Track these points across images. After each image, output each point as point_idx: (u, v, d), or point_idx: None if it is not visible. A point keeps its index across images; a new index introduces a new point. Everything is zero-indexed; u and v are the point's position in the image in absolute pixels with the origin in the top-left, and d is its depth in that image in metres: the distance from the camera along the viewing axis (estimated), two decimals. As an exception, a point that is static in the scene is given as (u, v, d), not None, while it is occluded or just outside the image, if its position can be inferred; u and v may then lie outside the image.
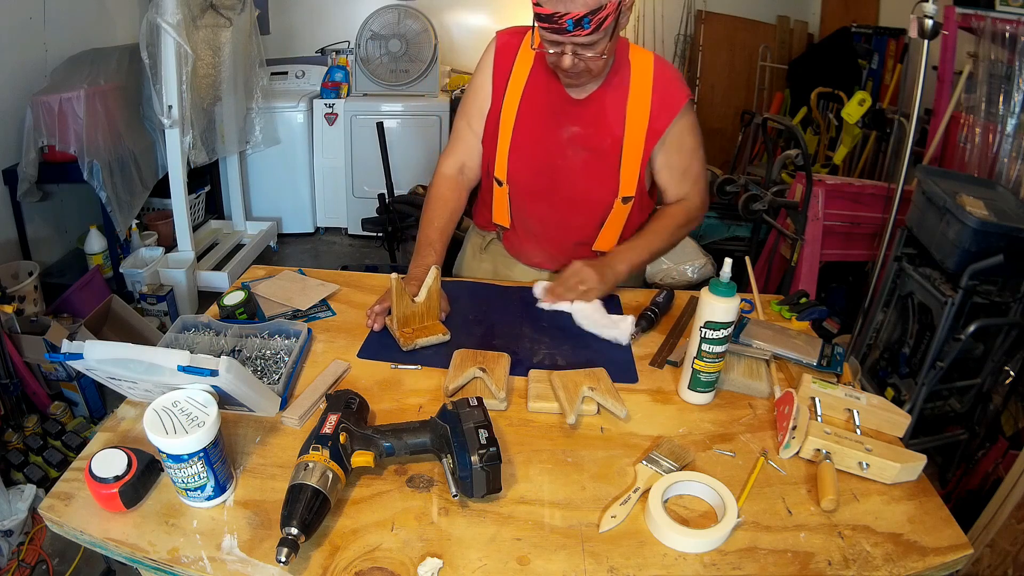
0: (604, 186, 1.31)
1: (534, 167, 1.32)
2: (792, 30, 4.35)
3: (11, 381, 2.00)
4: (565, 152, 1.29)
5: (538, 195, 1.35)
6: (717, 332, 0.96)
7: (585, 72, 1.16)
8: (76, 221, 3.06)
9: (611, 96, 1.26)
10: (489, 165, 1.36)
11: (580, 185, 1.32)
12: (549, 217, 1.37)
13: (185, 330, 1.14)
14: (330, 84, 3.82)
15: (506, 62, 1.30)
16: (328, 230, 4.12)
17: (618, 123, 1.27)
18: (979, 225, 1.74)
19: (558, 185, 1.32)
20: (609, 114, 1.27)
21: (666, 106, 1.26)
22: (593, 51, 1.11)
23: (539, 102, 1.28)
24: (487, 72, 1.32)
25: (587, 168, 1.30)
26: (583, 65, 1.14)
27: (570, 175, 1.31)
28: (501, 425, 0.96)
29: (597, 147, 1.29)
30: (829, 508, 0.83)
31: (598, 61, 1.14)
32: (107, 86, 2.69)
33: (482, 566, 0.75)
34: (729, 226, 3.22)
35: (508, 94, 1.29)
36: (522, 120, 1.29)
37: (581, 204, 1.34)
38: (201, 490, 0.79)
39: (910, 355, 2.06)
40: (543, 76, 1.27)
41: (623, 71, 1.26)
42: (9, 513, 1.77)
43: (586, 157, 1.29)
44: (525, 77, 1.28)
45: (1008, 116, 2.27)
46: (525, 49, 1.28)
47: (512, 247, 1.46)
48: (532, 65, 1.28)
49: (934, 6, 2.02)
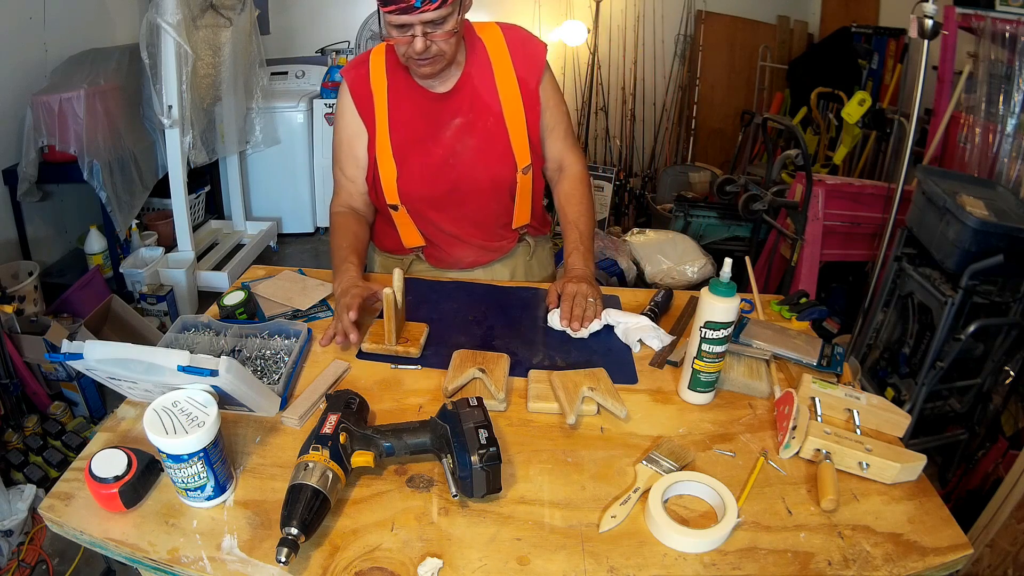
0: (501, 164, 1.31)
1: (427, 178, 1.30)
2: (792, 30, 4.35)
3: (11, 381, 2.00)
4: (454, 148, 1.28)
5: (441, 202, 1.33)
6: (717, 332, 0.96)
7: (438, 56, 1.15)
8: (76, 221, 3.06)
9: (477, 75, 1.26)
10: (379, 197, 1.34)
11: (479, 172, 1.31)
12: (461, 216, 1.36)
13: (185, 330, 1.14)
14: (330, 84, 3.82)
15: (363, 93, 1.28)
16: (328, 230, 4.11)
17: (493, 99, 1.27)
18: (979, 225, 1.74)
19: (459, 182, 1.31)
20: (482, 93, 1.27)
21: (530, 63, 1.28)
22: (443, 28, 1.11)
23: (407, 115, 1.28)
24: (350, 110, 1.30)
25: (480, 154, 1.29)
26: (435, 48, 1.13)
27: (466, 167, 1.30)
28: (501, 425, 0.96)
29: (482, 128, 1.28)
30: (829, 508, 0.83)
31: (450, 39, 1.13)
32: (107, 86, 2.69)
33: (482, 566, 0.75)
34: (729, 226, 3.22)
35: (377, 123, 1.28)
36: (398, 140, 1.28)
37: (486, 190, 1.34)
38: (201, 490, 0.79)
39: (910, 355, 2.06)
40: (402, 89, 1.27)
41: (478, 48, 1.27)
42: (9, 513, 1.77)
43: (475, 144, 1.29)
44: (385, 99, 1.27)
45: (1008, 116, 2.27)
46: (375, 74, 1.28)
47: (439, 260, 1.44)
48: (387, 85, 1.27)
49: (934, 6, 2.02)
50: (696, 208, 3.24)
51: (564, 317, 1.19)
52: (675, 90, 4.42)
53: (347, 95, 1.30)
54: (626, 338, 1.18)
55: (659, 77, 4.34)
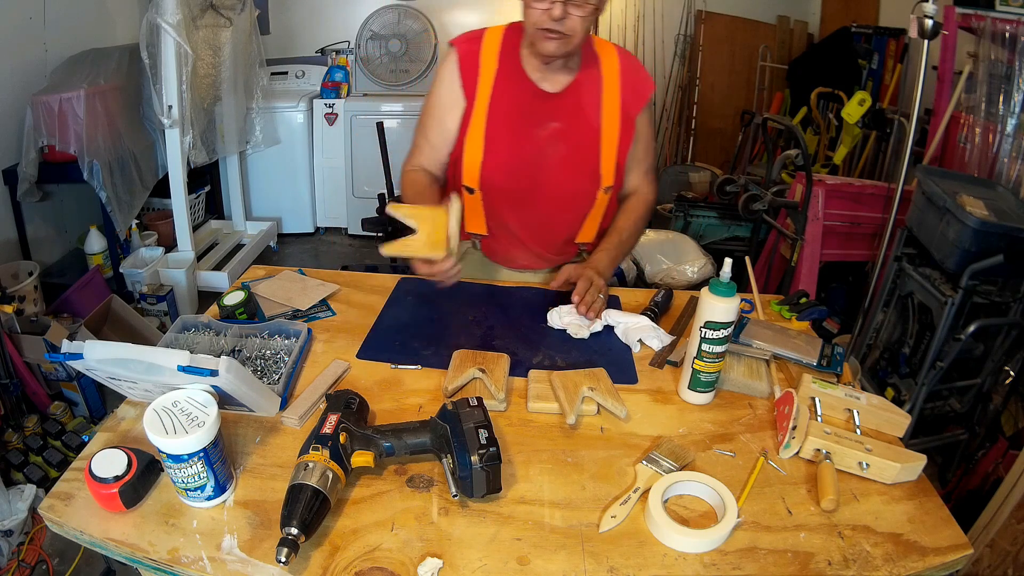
0: (587, 179, 1.30)
1: (511, 170, 1.29)
2: (792, 30, 4.35)
3: (11, 381, 2.00)
4: (544, 150, 1.27)
5: (517, 198, 1.32)
6: (717, 332, 0.96)
7: (568, 35, 1.14)
8: (76, 221, 3.06)
9: (586, 86, 1.27)
10: (456, 176, 1.33)
11: (562, 181, 1.30)
12: (531, 218, 1.34)
13: (185, 330, 1.14)
14: (330, 84, 3.82)
15: (471, 67, 1.27)
16: (328, 230, 4.12)
17: (595, 113, 1.27)
18: (979, 225, 1.74)
19: (539, 184, 1.30)
20: (586, 105, 1.27)
21: (636, 93, 1.30)
22: (583, 5, 1.11)
23: (508, 104, 1.27)
24: (453, 79, 1.28)
25: (568, 163, 1.29)
26: (570, 23, 1.13)
27: (551, 172, 1.29)
28: (501, 425, 0.96)
29: (577, 140, 1.28)
30: (829, 508, 0.83)
31: (586, 18, 1.13)
32: (107, 86, 2.69)
33: (482, 566, 0.75)
34: (729, 226, 3.22)
35: (477, 102, 1.27)
36: (493, 125, 1.27)
37: (565, 200, 1.33)
38: (201, 490, 0.79)
39: (910, 355, 2.06)
40: (510, 76, 1.26)
41: (593, 62, 1.28)
42: (9, 513, 1.77)
43: (565, 152, 1.28)
44: (491, 83, 1.26)
45: (1008, 116, 2.28)
46: (487, 55, 1.27)
47: (494, 253, 1.44)
48: (496, 67, 1.26)
49: (934, 6, 2.02)
50: (696, 208, 3.23)
51: (577, 294, 1.19)
52: (675, 90, 4.42)
53: (454, 64, 1.28)
54: (626, 338, 1.18)
55: (659, 77, 4.34)
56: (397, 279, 1.39)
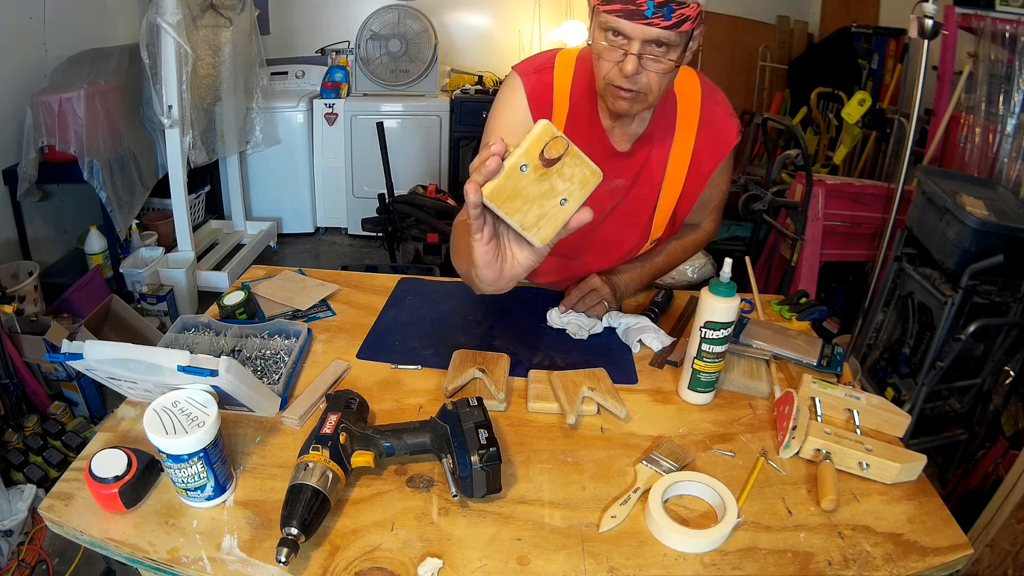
0: (637, 233, 1.23)
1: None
2: (792, 30, 4.35)
3: (11, 381, 2.00)
4: (602, 206, 1.16)
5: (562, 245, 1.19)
6: (717, 332, 0.96)
7: (643, 93, 0.99)
8: (76, 221, 3.06)
9: (656, 142, 1.15)
10: None
11: (611, 233, 1.21)
12: (570, 261, 1.27)
13: (185, 330, 1.14)
14: (330, 84, 3.82)
15: (543, 102, 1.12)
16: (328, 230, 4.12)
17: (659, 170, 1.16)
18: (979, 225, 1.74)
19: (589, 239, 1.20)
20: (652, 162, 1.16)
21: (714, 150, 1.16)
22: (664, 58, 0.95)
23: None
24: (522, 108, 1.11)
25: (622, 220, 1.20)
26: (645, 80, 0.97)
27: (603, 229, 1.20)
28: (501, 425, 0.96)
29: (635, 196, 1.18)
30: (829, 508, 0.83)
31: (664, 76, 0.97)
32: (107, 86, 2.69)
33: (482, 566, 0.75)
34: (729, 226, 3.22)
35: None
36: None
37: (609, 249, 1.25)
38: (201, 490, 0.79)
39: (910, 355, 2.06)
40: (582, 126, 1.12)
41: (668, 104, 1.13)
42: (9, 513, 1.77)
43: (622, 209, 1.19)
44: (562, 126, 1.11)
45: (1008, 116, 2.28)
46: (559, 92, 1.12)
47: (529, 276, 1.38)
48: (568, 110, 1.12)
49: (934, 6, 2.02)
50: (696, 208, 3.23)
51: (577, 290, 1.17)
52: (675, 90, 4.41)
53: (521, 94, 1.12)
54: (626, 338, 1.18)
55: (659, 77, 4.33)
56: (397, 279, 1.39)
